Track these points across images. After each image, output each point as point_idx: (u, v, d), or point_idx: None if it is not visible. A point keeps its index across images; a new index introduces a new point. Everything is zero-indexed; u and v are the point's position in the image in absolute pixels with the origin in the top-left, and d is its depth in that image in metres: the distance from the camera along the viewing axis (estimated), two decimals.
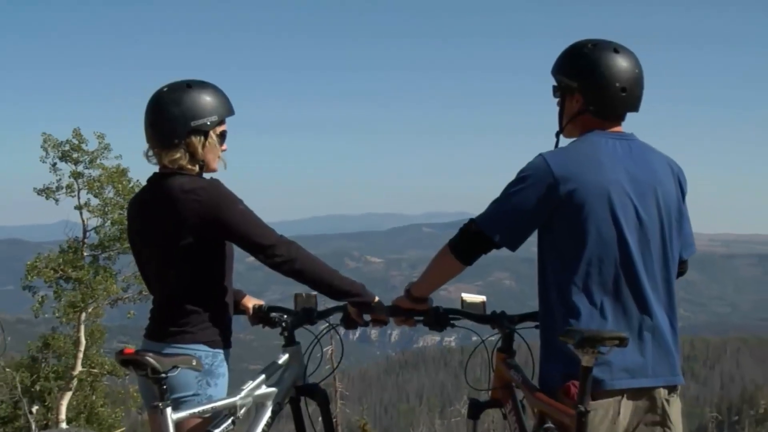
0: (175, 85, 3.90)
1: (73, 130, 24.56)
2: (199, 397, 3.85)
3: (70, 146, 24.35)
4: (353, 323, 4.16)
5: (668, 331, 3.63)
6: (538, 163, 3.60)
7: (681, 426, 3.69)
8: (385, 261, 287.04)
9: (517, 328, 3.97)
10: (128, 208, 4.22)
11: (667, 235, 3.65)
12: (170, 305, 3.95)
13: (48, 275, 24.01)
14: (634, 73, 3.67)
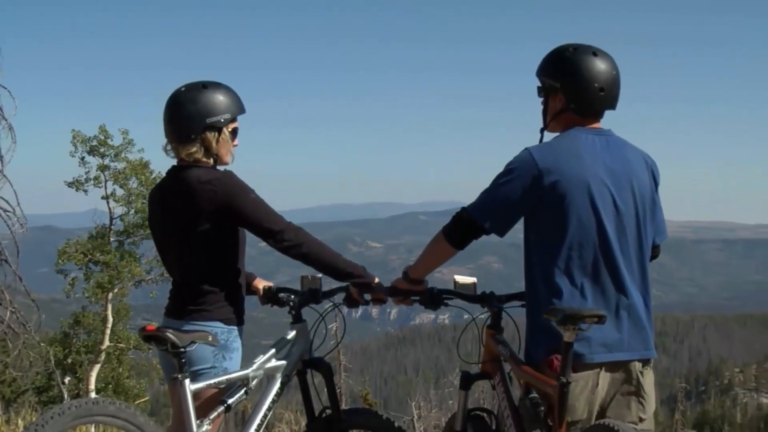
0: (192, 86, 3.93)
1: (100, 126, 24.59)
2: (215, 369, 3.87)
3: (97, 141, 24.36)
4: (355, 302, 4.16)
5: (642, 309, 3.64)
6: (524, 156, 3.61)
7: (654, 396, 3.70)
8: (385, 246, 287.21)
9: (504, 307, 3.97)
10: (149, 198, 4.22)
11: (642, 222, 3.67)
12: (188, 286, 3.97)
13: (78, 259, 24.06)
14: (611, 74, 3.67)
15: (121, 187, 24.44)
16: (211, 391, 3.85)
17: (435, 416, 12.33)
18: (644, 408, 3.65)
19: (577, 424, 3.47)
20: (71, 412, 3.42)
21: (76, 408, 3.45)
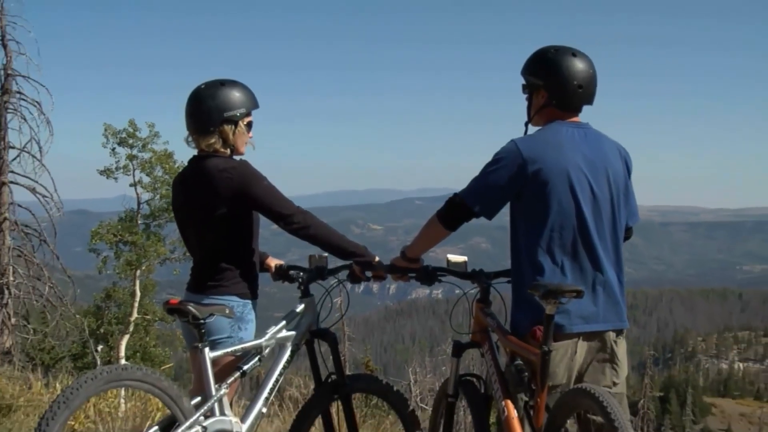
0: (211, 83, 3.94)
1: (129, 120, 24.65)
2: (231, 339, 3.88)
3: (126, 134, 24.41)
4: (357, 279, 4.16)
5: (616, 285, 3.65)
6: (510, 147, 3.62)
7: (626, 362, 3.71)
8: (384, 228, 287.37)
9: (492, 283, 3.97)
10: (173, 185, 4.22)
11: (616, 207, 3.68)
12: (207, 264, 3.97)
13: (109, 239, 24.16)
14: (588, 73, 3.68)
15: (148, 175, 24.52)
16: (228, 359, 3.86)
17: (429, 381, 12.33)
18: (617, 373, 3.66)
19: (557, 388, 3.48)
20: (103, 377, 3.43)
21: (107, 373, 3.47)
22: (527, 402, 3.48)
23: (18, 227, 17.51)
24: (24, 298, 17.38)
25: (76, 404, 3.33)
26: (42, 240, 17.72)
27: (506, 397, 3.54)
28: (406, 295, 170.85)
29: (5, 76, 17.22)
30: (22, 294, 17.31)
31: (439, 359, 14.70)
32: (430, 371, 12.87)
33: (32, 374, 9.79)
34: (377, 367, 16.11)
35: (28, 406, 6.52)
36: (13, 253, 17.36)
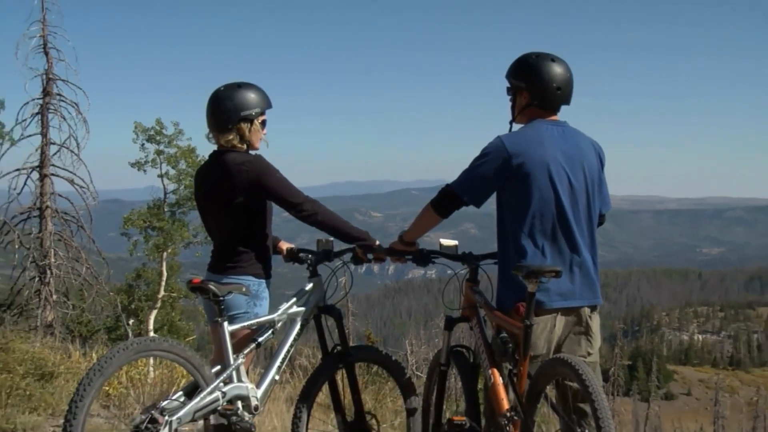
0: (229, 86, 3.94)
1: (156, 119, 24.69)
2: (248, 314, 3.88)
3: (153, 131, 24.45)
4: (360, 260, 4.16)
5: (591, 265, 3.65)
6: (496, 143, 3.62)
7: (599, 335, 3.72)
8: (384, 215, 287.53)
9: (480, 264, 3.97)
10: (195, 176, 4.22)
11: (591, 196, 3.67)
12: (226, 247, 3.97)
13: (139, 225, 24.25)
14: (566, 76, 3.68)
15: (173, 168, 24.55)
16: (244, 332, 3.87)
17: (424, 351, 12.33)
18: (591, 344, 3.67)
19: (538, 357, 3.49)
20: (134, 347, 3.44)
21: (137, 344, 3.48)
22: (511, 370, 3.48)
23: (58, 214, 17.56)
24: (64, 277, 17.43)
25: (110, 371, 3.35)
26: (79, 226, 17.75)
27: (492, 366, 3.55)
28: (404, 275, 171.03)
29: (47, 80, 17.28)
30: (62, 274, 17.38)
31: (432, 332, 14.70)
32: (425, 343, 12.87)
33: (71, 345, 9.81)
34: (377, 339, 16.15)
35: (68, 373, 6.53)
36: (54, 238, 17.42)
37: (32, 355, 6.40)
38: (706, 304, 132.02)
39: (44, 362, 6.43)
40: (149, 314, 23.48)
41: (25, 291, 17.59)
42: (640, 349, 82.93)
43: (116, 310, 21.88)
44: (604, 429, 3.00)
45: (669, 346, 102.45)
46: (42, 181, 17.42)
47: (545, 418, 3.60)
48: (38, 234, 17.43)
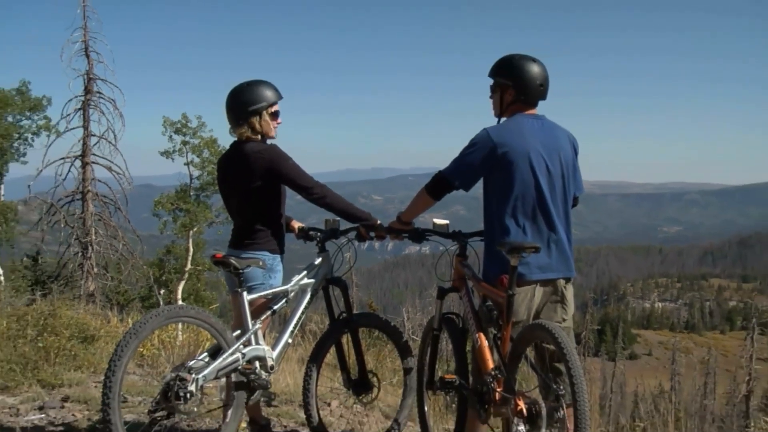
0: (239, 85, 3.95)
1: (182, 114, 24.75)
2: (264, 285, 3.88)
3: (180, 124, 24.52)
4: (363, 238, 4.15)
5: (566, 242, 3.64)
6: (483, 134, 3.60)
7: (573, 303, 3.71)
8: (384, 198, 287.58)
9: (468, 241, 3.96)
10: (218, 164, 4.20)
11: (566, 181, 3.66)
12: (245, 226, 3.96)
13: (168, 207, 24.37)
14: (545, 75, 3.67)
15: (197, 157, 24.68)
16: (261, 301, 3.87)
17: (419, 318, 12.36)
18: (566, 312, 3.66)
19: (519, 323, 3.48)
20: (165, 314, 3.45)
21: (168, 311, 3.48)
22: (495, 334, 3.48)
23: (98, 197, 17.66)
24: (103, 252, 17.53)
25: (144, 335, 3.35)
26: (117, 207, 17.82)
27: (479, 331, 3.55)
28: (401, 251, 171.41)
29: (88, 80, 17.40)
30: (101, 249, 17.48)
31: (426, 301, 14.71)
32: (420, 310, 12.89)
33: (110, 312, 9.85)
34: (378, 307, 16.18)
35: (107, 336, 6.55)
36: (94, 218, 17.52)
37: (76, 320, 6.41)
38: (666, 276, 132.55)
39: (86, 327, 6.44)
40: (178, 285, 23.58)
41: (69, 264, 17.70)
42: (608, 315, 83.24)
43: (149, 281, 21.99)
44: (577, 385, 3.00)
45: (633, 312, 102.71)
46: (84, 168, 17.49)
47: (525, 376, 3.60)
48: (81, 215, 17.51)
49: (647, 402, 27.84)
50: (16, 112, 23.47)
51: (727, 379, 35.68)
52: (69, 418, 4.51)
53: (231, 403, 3.70)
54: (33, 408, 4.70)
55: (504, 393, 3.29)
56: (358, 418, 4.91)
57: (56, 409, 4.68)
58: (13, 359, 5.34)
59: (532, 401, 3.20)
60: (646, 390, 36.73)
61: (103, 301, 16.27)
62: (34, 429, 4.20)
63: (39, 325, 5.82)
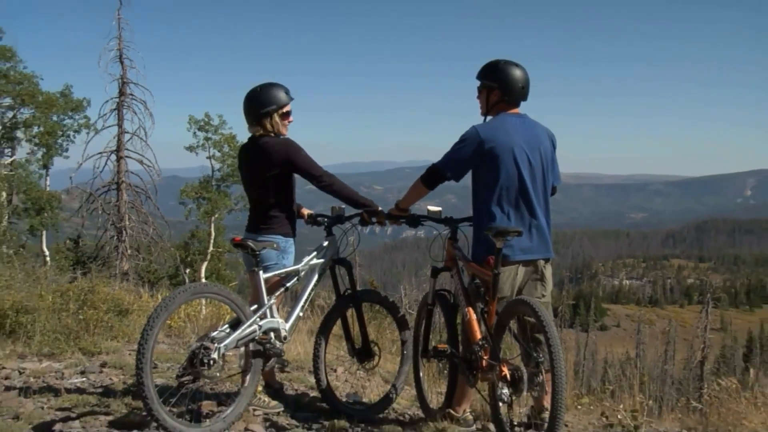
0: (254, 88, 3.91)
1: (205, 113, 24.93)
2: (277, 265, 3.86)
3: (203, 122, 24.58)
4: (366, 223, 4.12)
5: (545, 227, 3.64)
6: (472, 131, 3.59)
7: (551, 281, 3.70)
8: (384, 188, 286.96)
9: (459, 226, 3.94)
10: (238, 156, 4.17)
11: (546, 173, 3.65)
12: (261, 212, 3.94)
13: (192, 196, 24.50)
14: (527, 78, 3.66)
15: (218, 151, 24.76)
16: (275, 279, 3.85)
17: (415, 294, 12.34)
18: (545, 288, 3.66)
19: (504, 299, 3.48)
20: (190, 290, 3.44)
21: (193, 288, 3.47)
22: (483, 309, 3.47)
23: (131, 187, 17.70)
24: (136, 236, 17.57)
25: (172, 309, 3.33)
26: (147, 196, 17.86)
27: (468, 305, 3.54)
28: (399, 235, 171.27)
29: (122, 84, 17.49)
30: (134, 233, 17.53)
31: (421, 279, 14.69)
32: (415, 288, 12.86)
33: (142, 288, 9.84)
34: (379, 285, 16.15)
35: (139, 310, 6.54)
36: (128, 206, 17.56)
37: (112, 296, 6.40)
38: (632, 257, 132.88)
39: (121, 301, 6.44)
40: (201, 265, 23.62)
41: (106, 247, 17.76)
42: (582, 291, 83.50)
43: (176, 261, 22.04)
44: (554, 353, 3.00)
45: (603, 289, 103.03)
46: (118, 161, 17.52)
47: (509, 345, 3.60)
48: (116, 203, 17.53)
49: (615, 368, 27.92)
50: (60, 112, 23.50)
51: (684, 347, 35.75)
52: (107, 381, 4.52)
53: (249, 369, 3.69)
54: (75, 372, 4.71)
55: (490, 360, 3.29)
56: (361, 382, 4.92)
57: (96, 374, 4.69)
58: (57, 330, 5.35)
59: (514, 367, 3.20)
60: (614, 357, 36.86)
61: (135, 279, 16.29)
62: (76, 390, 4.21)
63: (80, 300, 5.82)
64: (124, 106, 17.56)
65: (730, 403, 4.20)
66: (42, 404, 3.90)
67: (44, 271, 6.49)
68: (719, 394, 4.42)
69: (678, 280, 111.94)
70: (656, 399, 5.35)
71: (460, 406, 3.77)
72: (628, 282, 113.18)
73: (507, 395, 3.18)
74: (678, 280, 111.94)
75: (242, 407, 3.58)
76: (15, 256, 8.36)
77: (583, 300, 73.07)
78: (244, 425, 3.61)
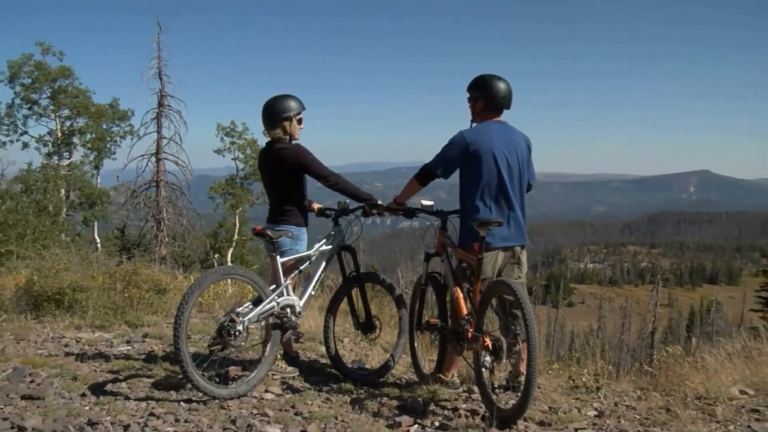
0: (274, 98, 3.89)
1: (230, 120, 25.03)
2: (292, 251, 3.85)
3: (229, 129, 24.68)
4: (367, 214, 4.09)
5: (521, 218, 3.63)
6: (459, 135, 3.57)
7: (526, 264, 3.70)
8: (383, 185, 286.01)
9: (448, 217, 3.93)
10: (258, 158, 4.15)
11: (522, 172, 3.63)
12: (278, 206, 3.92)
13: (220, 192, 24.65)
14: (508, 90, 3.64)
15: (242, 154, 24.89)
16: (290, 262, 3.84)
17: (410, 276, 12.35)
18: (521, 271, 3.65)
19: (486, 280, 3.46)
20: (219, 272, 3.47)
21: (221, 270, 3.52)
22: (468, 288, 3.46)
23: (168, 185, 17.76)
24: (172, 226, 17.62)
25: (202, 288, 3.34)
26: (182, 192, 17.88)
27: (456, 285, 3.53)
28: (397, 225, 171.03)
29: (161, 96, 17.63)
30: (171, 224, 17.58)
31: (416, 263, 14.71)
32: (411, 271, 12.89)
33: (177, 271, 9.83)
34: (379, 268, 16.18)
35: (175, 289, 6.53)
36: (165, 200, 17.58)
37: (152, 277, 6.39)
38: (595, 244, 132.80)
39: (160, 282, 6.43)
40: (227, 251, 23.69)
41: (147, 235, 17.81)
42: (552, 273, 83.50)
43: (206, 248, 22.10)
44: (529, 327, 2.99)
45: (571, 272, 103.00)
46: (157, 163, 17.56)
47: (491, 319, 3.59)
48: (155, 198, 17.56)
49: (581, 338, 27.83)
50: (108, 121, 23.87)
51: (638, 320, 35.82)
52: (148, 349, 4.52)
53: (269, 339, 3.69)
54: (122, 341, 4.71)
55: (474, 332, 3.28)
56: (364, 351, 4.91)
57: (139, 343, 4.69)
58: (107, 305, 5.36)
59: (496, 338, 3.19)
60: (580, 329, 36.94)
61: (171, 263, 16.31)
62: (123, 357, 4.21)
63: (125, 281, 5.81)
64: (162, 116, 17.60)
65: (676, 366, 4.21)
66: (95, 368, 3.92)
67: (96, 256, 6.48)
68: (667, 360, 4.42)
69: (633, 263, 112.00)
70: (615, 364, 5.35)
71: (449, 372, 3.76)
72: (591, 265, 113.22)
73: (489, 362, 3.17)
74: (633, 263, 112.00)
75: (263, 372, 3.58)
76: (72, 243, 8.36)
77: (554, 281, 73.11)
78: (264, 387, 3.61)
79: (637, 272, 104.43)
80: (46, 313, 5.27)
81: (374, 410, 3.34)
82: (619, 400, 3.67)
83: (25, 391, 3.32)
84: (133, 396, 3.37)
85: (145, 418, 3.04)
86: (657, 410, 3.44)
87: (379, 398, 3.54)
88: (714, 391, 3.64)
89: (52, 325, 5.04)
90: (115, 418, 2.99)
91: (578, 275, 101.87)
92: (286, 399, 3.50)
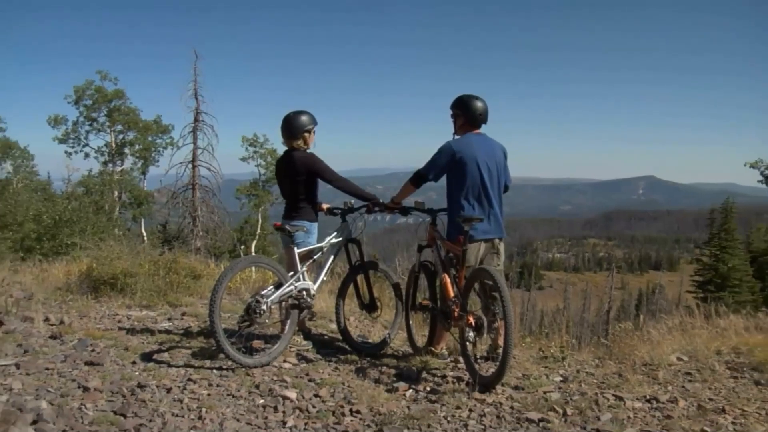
0: (292, 113, 3.86)
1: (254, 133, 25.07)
2: (305, 242, 3.84)
3: (253, 140, 24.68)
4: (370, 212, 4.08)
5: (499, 215, 3.62)
6: (447, 145, 3.56)
7: (503, 254, 3.69)
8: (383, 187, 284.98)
9: (438, 214, 3.92)
10: (276, 165, 4.13)
11: (500, 176, 3.63)
12: (293, 204, 3.91)
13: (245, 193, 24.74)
14: (485, 108, 3.63)
15: (264, 161, 24.94)
16: (305, 253, 3.82)
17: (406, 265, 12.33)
18: (499, 259, 3.64)
19: (470, 267, 3.45)
20: (246, 260, 3.49)
21: (248, 259, 3.56)
22: (455, 275, 3.46)
23: (202, 187, 17.76)
24: (205, 222, 17.62)
25: (232, 274, 3.34)
26: (213, 194, 17.90)
27: (444, 272, 3.53)
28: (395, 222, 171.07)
29: (196, 113, 17.70)
30: (204, 220, 17.58)
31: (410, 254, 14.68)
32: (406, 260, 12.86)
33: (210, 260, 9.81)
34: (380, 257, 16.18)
35: (208, 275, 6.53)
36: (200, 201, 17.57)
37: (189, 265, 6.38)
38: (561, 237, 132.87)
39: (195, 269, 6.42)
40: (252, 243, 23.71)
41: (184, 230, 17.83)
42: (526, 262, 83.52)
43: (234, 240, 22.13)
44: (506, 307, 2.99)
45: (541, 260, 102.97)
46: (193, 169, 17.59)
47: (473, 301, 3.59)
48: (191, 198, 17.57)
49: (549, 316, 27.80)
50: (153, 134, 24.30)
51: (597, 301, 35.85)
52: (186, 325, 4.52)
53: (288, 318, 3.70)
54: (164, 319, 4.71)
55: (460, 312, 3.29)
56: (368, 327, 4.91)
57: (178, 320, 4.69)
58: (152, 288, 5.38)
59: (478, 317, 3.19)
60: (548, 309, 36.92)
61: (205, 253, 16.29)
62: (165, 331, 4.22)
63: (167, 268, 5.81)
64: (198, 129, 17.64)
65: (627, 339, 4.24)
66: (143, 340, 3.94)
67: (143, 248, 6.47)
68: (619, 333, 4.46)
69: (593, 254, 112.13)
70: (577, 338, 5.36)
71: (438, 345, 3.77)
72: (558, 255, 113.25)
73: (472, 337, 3.18)
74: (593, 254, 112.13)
75: (283, 346, 3.59)
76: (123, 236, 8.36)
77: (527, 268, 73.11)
78: (283, 358, 3.61)
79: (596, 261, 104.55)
80: (103, 294, 5.31)
81: (375, 377, 3.35)
82: (580, 367, 3.68)
83: (88, 358, 3.40)
84: (174, 364, 3.39)
85: (184, 382, 3.09)
86: (611, 375, 3.47)
87: (379, 367, 3.55)
88: (657, 359, 3.69)
89: (108, 305, 5.06)
90: (159, 382, 3.06)
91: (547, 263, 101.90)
92: (301, 368, 3.50)
